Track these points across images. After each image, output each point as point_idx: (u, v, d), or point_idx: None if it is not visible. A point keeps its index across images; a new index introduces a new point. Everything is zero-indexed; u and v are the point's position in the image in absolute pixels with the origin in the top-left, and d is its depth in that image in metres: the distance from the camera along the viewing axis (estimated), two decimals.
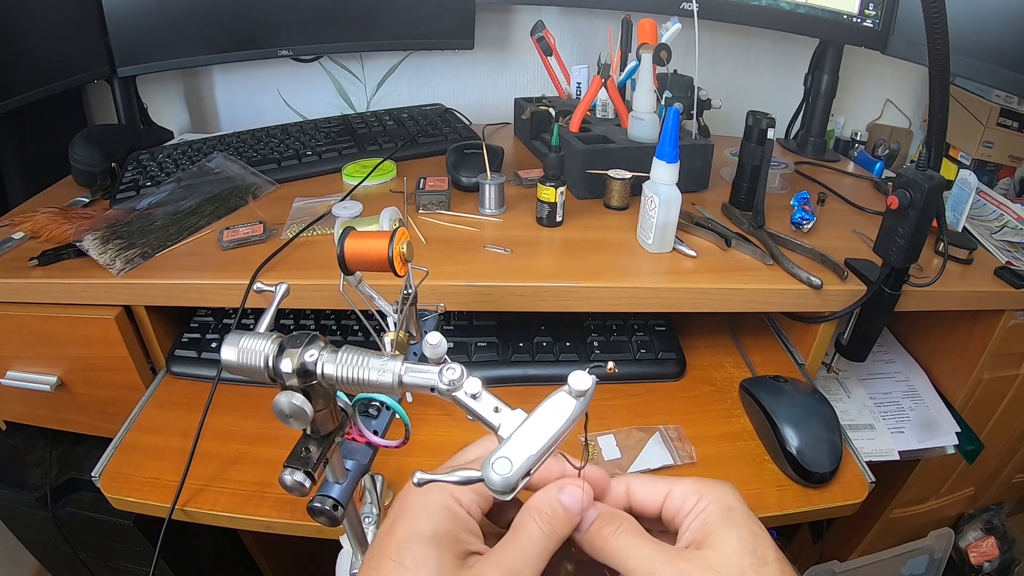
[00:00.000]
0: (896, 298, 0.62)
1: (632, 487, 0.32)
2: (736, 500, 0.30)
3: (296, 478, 0.32)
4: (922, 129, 1.13)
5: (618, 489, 0.32)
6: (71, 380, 0.70)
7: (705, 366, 0.72)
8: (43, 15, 0.83)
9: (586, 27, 1.10)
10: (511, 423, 0.27)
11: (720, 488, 0.30)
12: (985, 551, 1.02)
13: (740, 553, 0.27)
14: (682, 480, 0.31)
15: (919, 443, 0.75)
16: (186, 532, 0.61)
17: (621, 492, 0.32)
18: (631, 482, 0.32)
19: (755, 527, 0.28)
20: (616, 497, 0.32)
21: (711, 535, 0.28)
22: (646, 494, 0.31)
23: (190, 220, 0.72)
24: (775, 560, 0.27)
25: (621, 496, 0.32)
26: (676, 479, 0.31)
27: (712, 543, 0.27)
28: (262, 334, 0.30)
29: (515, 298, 0.63)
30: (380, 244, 0.39)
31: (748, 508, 0.30)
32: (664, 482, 0.31)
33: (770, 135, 0.70)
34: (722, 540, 0.27)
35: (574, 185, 0.78)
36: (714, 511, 0.29)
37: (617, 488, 0.32)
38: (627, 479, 0.32)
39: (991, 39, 0.76)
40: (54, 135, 0.91)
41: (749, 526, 0.28)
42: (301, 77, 1.14)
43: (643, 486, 0.32)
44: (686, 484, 0.30)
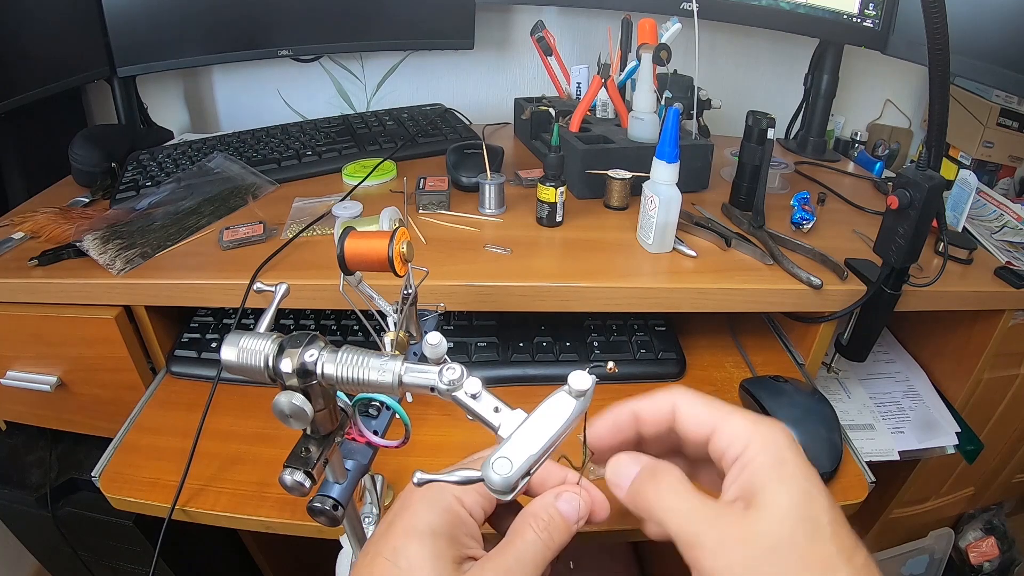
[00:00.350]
0: (896, 298, 0.62)
1: (680, 410, 0.29)
2: (789, 449, 0.26)
3: (296, 478, 0.32)
4: (922, 129, 1.13)
5: (663, 407, 0.29)
6: (71, 380, 0.70)
7: (705, 366, 0.72)
8: (43, 15, 0.83)
9: (586, 27, 1.10)
10: (511, 423, 0.27)
11: (772, 433, 0.27)
12: (985, 551, 1.02)
13: (792, 518, 0.24)
14: (731, 416, 0.28)
15: (919, 443, 0.75)
16: (186, 532, 0.61)
17: (666, 410, 0.29)
18: (679, 402, 0.29)
19: (808, 484, 0.25)
20: (659, 416, 0.29)
21: (760, 493, 0.25)
22: (692, 425, 0.29)
23: (190, 220, 0.72)
24: (829, 524, 0.24)
25: (666, 414, 0.29)
26: (725, 411, 0.28)
27: (761, 503, 0.25)
28: (262, 334, 0.30)
29: (515, 298, 0.63)
30: (380, 244, 0.39)
31: (803, 457, 0.26)
32: (712, 413, 0.28)
33: (770, 135, 0.70)
34: (771, 500, 0.25)
35: (574, 185, 0.78)
36: (764, 463, 0.26)
37: (662, 406, 0.29)
38: (674, 397, 0.30)
39: (991, 39, 0.75)
40: (54, 135, 0.91)
41: (802, 483, 0.25)
42: (301, 77, 1.14)
43: (690, 414, 0.29)
44: (736, 424, 0.27)
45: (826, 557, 0.24)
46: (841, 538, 0.24)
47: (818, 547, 0.24)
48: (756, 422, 0.27)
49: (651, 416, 0.29)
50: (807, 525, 0.24)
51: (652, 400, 0.30)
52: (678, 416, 0.29)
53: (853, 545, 0.24)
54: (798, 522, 0.24)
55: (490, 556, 0.27)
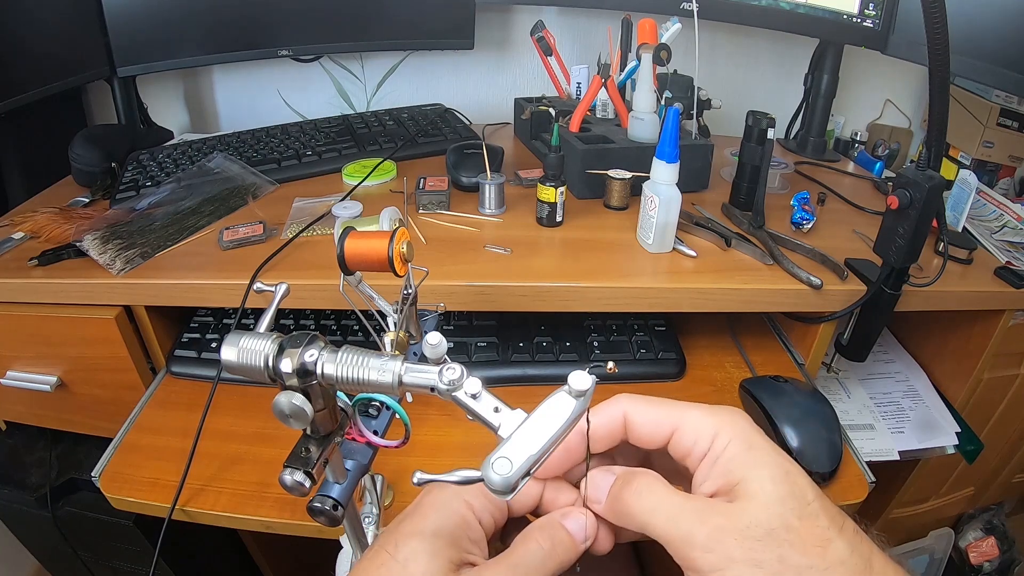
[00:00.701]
0: (896, 298, 0.62)
1: (631, 418, 0.28)
2: (755, 433, 0.26)
3: (296, 478, 0.32)
4: (922, 129, 1.13)
5: (611, 419, 0.28)
6: (71, 380, 0.70)
7: (705, 366, 0.72)
8: (43, 15, 0.83)
9: (586, 27, 1.10)
10: (511, 423, 0.27)
11: (734, 421, 0.26)
12: (985, 551, 1.02)
13: (779, 499, 0.24)
14: (688, 411, 0.27)
15: (919, 443, 0.75)
16: (186, 532, 0.61)
17: (616, 422, 0.28)
18: (629, 410, 0.28)
19: (784, 462, 0.25)
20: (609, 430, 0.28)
21: (741, 482, 0.25)
22: (646, 430, 0.27)
23: (190, 220, 0.72)
24: (816, 498, 0.24)
25: (616, 426, 0.28)
26: (679, 407, 0.27)
27: (745, 492, 0.24)
28: (262, 334, 0.30)
29: (515, 298, 0.63)
30: (380, 244, 0.39)
31: (766, 438, 0.26)
32: (668, 412, 0.27)
33: (770, 135, 0.70)
34: (755, 487, 0.24)
35: (574, 185, 0.78)
36: (736, 452, 0.25)
37: (610, 419, 0.28)
38: (623, 404, 0.28)
39: (991, 39, 0.75)
40: (54, 135, 0.91)
41: (779, 463, 0.25)
42: (301, 77, 1.14)
43: (643, 420, 0.28)
44: (695, 419, 0.27)
45: (819, 531, 0.24)
46: (828, 510, 0.24)
47: (809, 523, 0.24)
48: (714, 413, 0.27)
49: (602, 431, 0.28)
50: (794, 503, 0.24)
51: (599, 415, 0.28)
52: (630, 424, 0.28)
53: (840, 514, 0.25)
54: (786, 503, 0.24)
55: (489, 564, 0.27)
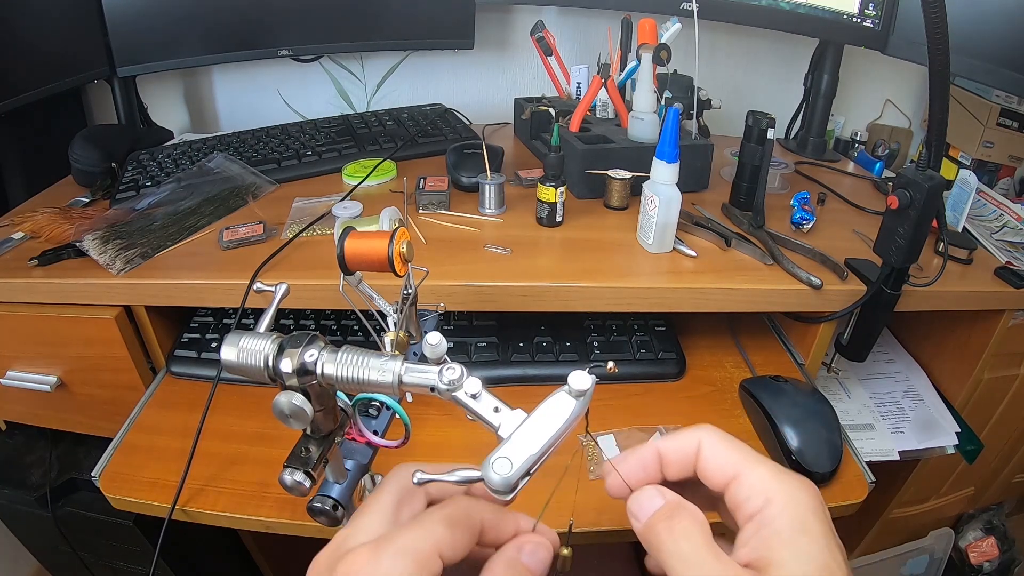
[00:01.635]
0: (896, 298, 0.62)
1: (703, 451, 0.27)
2: (813, 513, 0.24)
3: (296, 478, 0.32)
4: (922, 129, 1.13)
5: (687, 446, 0.28)
6: (71, 380, 0.70)
7: (705, 366, 0.72)
8: (43, 15, 0.83)
9: (586, 27, 1.10)
10: (511, 423, 0.27)
11: (796, 493, 0.25)
12: (985, 551, 1.02)
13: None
14: (756, 465, 0.26)
15: (919, 443, 0.75)
16: (186, 532, 0.61)
17: (691, 450, 0.28)
18: (703, 443, 0.27)
19: (828, 557, 0.23)
20: (683, 456, 0.28)
21: (774, 565, 0.23)
22: (713, 467, 0.27)
23: (190, 220, 0.72)
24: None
25: (689, 454, 0.28)
26: (751, 459, 0.26)
27: (775, 573, 0.23)
28: (262, 334, 0.30)
29: (515, 298, 0.63)
30: (380, 244, 0.39)
31: (827, 523, 0.24)
32: (735, 458, 0.27)
33: (770, 135, 0.70)
34: (785, 572, 0.23)
35: (574, 185, 0.78)
36: (784, 527, 0.24)
37: (686, 445, 0.28)
38: (700, 435, 0.28)
39: (991, 39, 0.75)
40: (54, 135, 0.91)
41: (821, 556, 0.23)
42: (301, 77, 1.14)
43: (712, 456, 0.27)
44: (759, 475, 0.25)
45: None
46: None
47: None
48: (781, 477, 0.25)
49: (675, 456, 0.28)
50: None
51: (676, 439, 0.28)
52: (701, 456, 0.28)
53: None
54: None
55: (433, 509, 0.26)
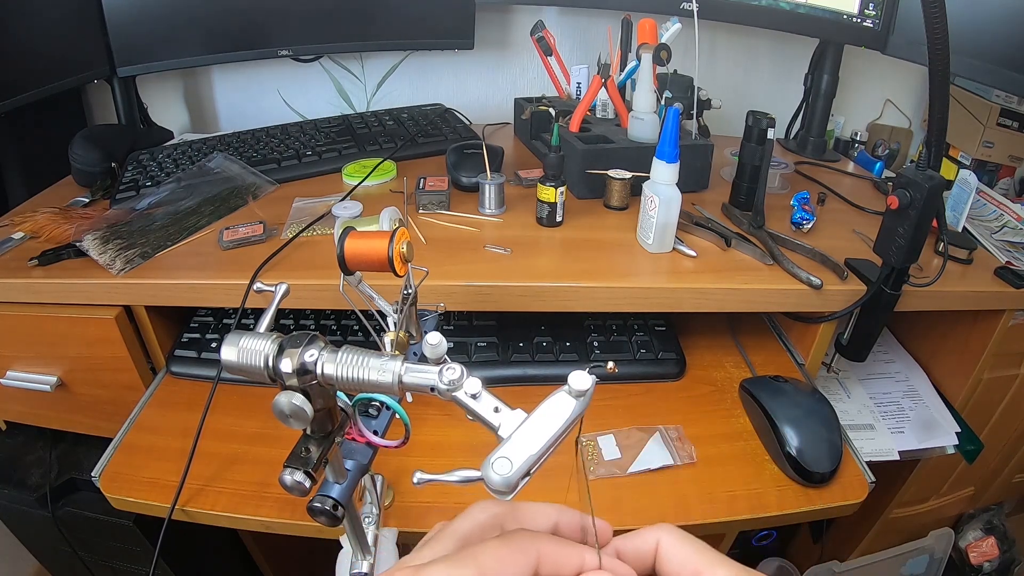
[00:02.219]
0: (896, 298, 0.62)
1: (662, 549, 0.27)
2: None
3: (296, 478, 0.32)
4: (922, 129, 1.13)
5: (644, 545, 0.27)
6: (71, 380, 0.70)
7: (705, 366, 0.72)
8: (43, 15, 0.83)
9: (586, 27, 1.10)
10: (511, 423, 0.27)
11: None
12: (985, 551, 1.02)
13: None
14: (716, 566, 0.25)
15: (919, 443, 0.75)
16: (186, 532, 0.61)
17: (648, 549, 0.27)
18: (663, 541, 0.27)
19: None
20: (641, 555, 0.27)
21: None
22: (676, 563, 0.26)
23: (190, 220, 0.72)
24: None
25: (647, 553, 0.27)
26: (709, 558, 0.26)
27: None
28: (262, 334, 0.30)
29: (515, 298, 0.63)
30: (380, 244, 0.39)
31: None
32: (696, 559, 0.26)
33: (770, 135, 0.70)
34: None
35: (574, 185, 0.78)
36: None
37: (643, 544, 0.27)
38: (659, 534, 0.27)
39: (991, 39, 0.75)
40: (54, 135, 0.91)
41: None
42: (301, 77, 1.14)
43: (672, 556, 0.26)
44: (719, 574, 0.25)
45: None
46: None
47: None
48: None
49: (632, 555, 0.27)
50: None
51: (633, 537, 0.27)
52: (659, 556, 0.27)
53: None
54: None
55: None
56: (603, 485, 0.57)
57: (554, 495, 0.43)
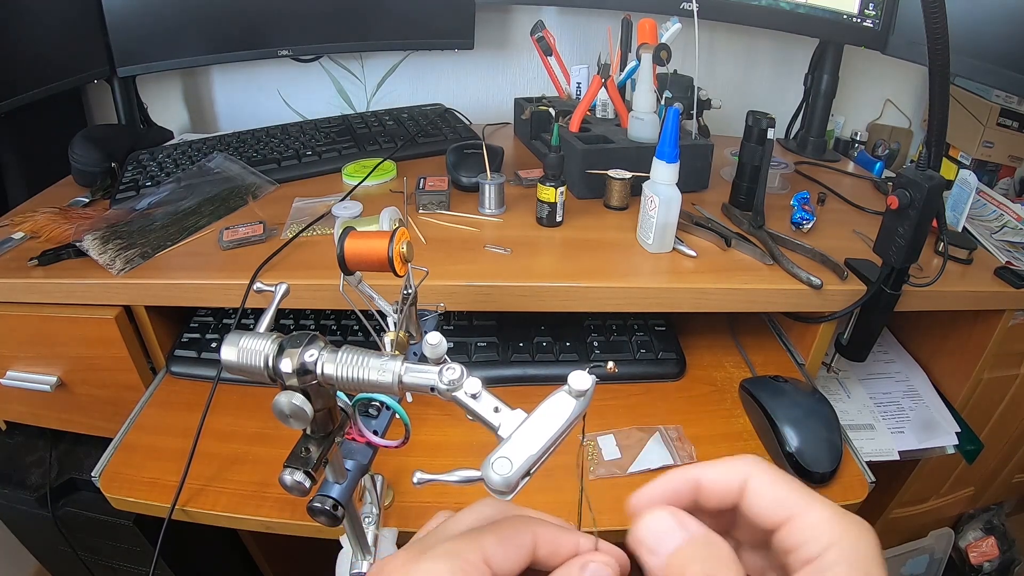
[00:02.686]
0: (896, 298, 0.62)
1: (751, 487, 0.25)
2: (875, 561, 0.23)
3: (296, 478, 0.32)
4: (922, 129, 1.13)
5: (731, 480, 0.26)
6: (71, 380, 0.70)
7: (705, 366, 0.72)
8: (43, 15, 0.83)
9: (586, 27, 1.10)
10: (511, 423, 0.27)
11: (859, 539, 0.23)
12: (985, 551, 1.02)
13: None
14: (813, 506, 0.24)
15: (919, 443, 0.75)
16: (186, 532, 0.61)
17: (735, 484, 0.26)
18: (752, 478, 0.25)
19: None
20: (726, 489, 0.26)
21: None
22: (764, 506, 0.25)
23: (190, 220, 0.72)
24: None
25: (734, 489, 0.26)
26: (807, 498, 0.24)
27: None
28: (262, 334, 0.30)
29: (515, 298, 0.63)
30: (380, 244, 0.39)
31: (886, 571, 0.23)
32: (791, 498, 0.25)
33: (770, 135, 0.70)
34: None
35: (574, 185, 0.78)
36: (843, 574, 0.22)
37: (731, 478, 0.26)
38: (748, 469, 0.26)
39: (991, 39, 0.75)
40: (54, 135, 0.91)
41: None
42: (301, 77, 1.14)
43: (764, 494, 0.25)
44: (818, 517, 0.24)
45: None
46: None
47: None
48: (842, 519, 0.24)
49: (716, 488, 0.26)
50: None
51: (719, 469, 0.26)
52: (749, 493, 0.26)
53: None
54: None
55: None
56: (603, 485, 0.57)
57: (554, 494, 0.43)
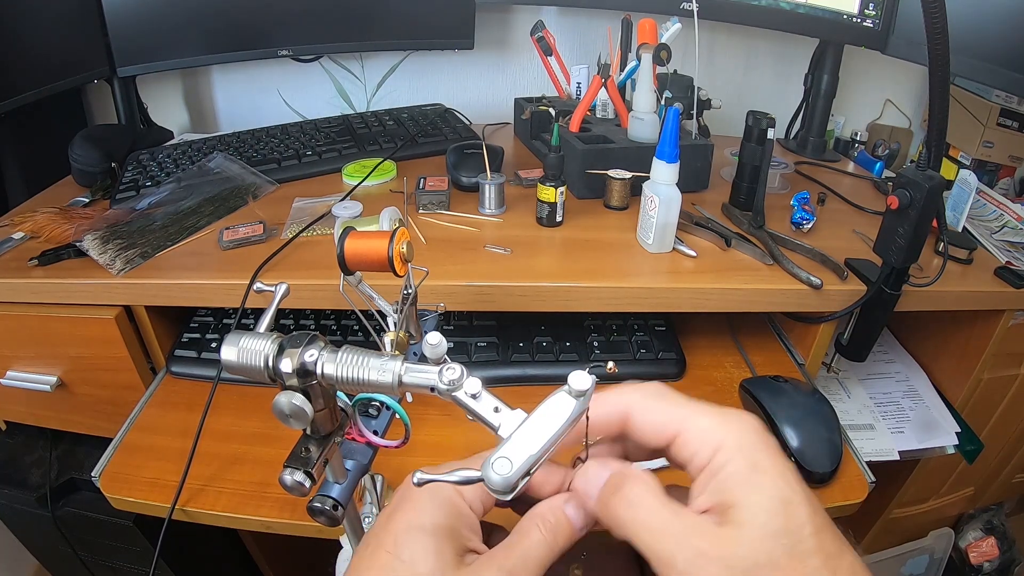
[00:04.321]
0: (896, 298, 0.62)
1: (634, 415, 0.27)
2: (762, 449, 0.24)
3: (296, 478, 0.32)
4: (922, 129, 1.13)
5: (612, 413, 0.28)
6: (71, 380, 0.70)
7: (705, 366, 0.72)
8: (43, 15, 0.83)
9: (586, 27, 1.10)
10: (511, 423, 0.27)
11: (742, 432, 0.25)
12: (985, 551, 1.02)
13: (770, 534, 0.22)
14: (694, 416, 0.26)
15: (919, 443, 0.75)
16: (186, 532, 0.61)
17: (617, 417, 0.28)
18: (633, 406, 0.27)
19: (787, 490, 0.23)
20: (608, 423, 0.28)
21: (734, 507, 0.23)
22: (649, 430, 0.27)
23: (190, 220, 0.72)
24: (812, 535, 0.23)
25: (616, 421, 0.28)
26: (687, 410, 0.26)
27: (736, 519, 0.23)
28: (262, 334, 0.30)
29: (515, 298, 0.63)
30: (380, 244, 0.39)
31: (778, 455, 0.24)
32: (673, 413, 0.26)
33: (770, 135, 0.70)
34: (746, 516, 0.23)
35: (574, 185, 0.78)
36: (736, 469, 0.24)
37: (611, 412, 0.28)
38: (628, 398, 0.28)
39: (991, 39, 0.75)
40: (54, 135, 0.91)
41: (778, 491, 0.23)
42: (301, 77, 1.14)
43: (648, 416, 0.27)
44: (700, 424, 0.25)
45: (809, 570, 0.22)
46: (824, 546, 0.23)
47: (799, 563, 0.22)
48: (723, 420, 0.25)
49: (600, 422, 0.28)
50: (787, 540, 0.22)
51: (600, 404, 0.28)
52: (632, 420, 0.27)
53: (838, 550, 0.23)
54: (777, 538, 0.22)
55: (493, 553, 0.27)
56: None
57: None
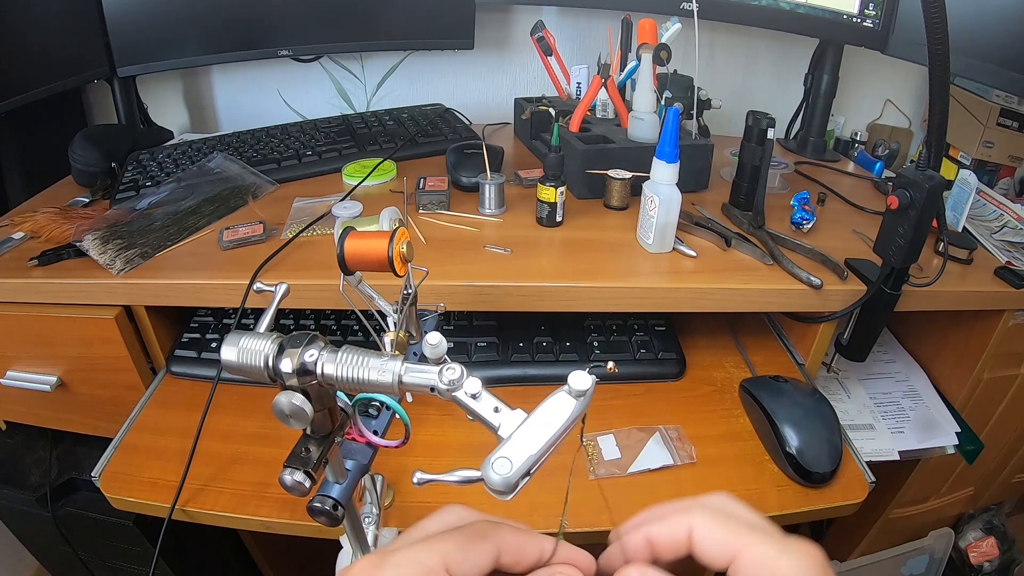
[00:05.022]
0: (896, 298, 0.62)
1: (696, 535, 0.26)
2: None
3: (296, 478, 0.32)
4: (922, 129, 1.13)
5: (678, 532, 0.26)
6: (71, 380, 0.70)
7: (705, 366, 0.72)
8: (43, 15, 0.83)
9: (586, 27, 1.10)
10: (511, 423, 0.27)
11: (802, 563, 0.24)
12: (985, 551, 1.02)
13: None
14: (754, 541, 0.25)
15: (919, 443, 0.75)
16: (186, 532, 0.61)
17: (682, 535, 0.26)
18: (695, 526, 0.26)
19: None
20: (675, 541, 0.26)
21: None
22: (710, 550, 0.26)
23: (190, 220, 0.72)
24: None
25: (682, 539, 0.26)
26: (748, 534, 0.25)
27: None
28: (262, 334, 0.30)
29: (515, 298, 0.63)
30: (380, 244, 0.39)
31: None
32: (731, 537, 0.25)
33: (770, 135, 0.70)
34: None
35: (574, 185, 0.78)
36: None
37: (677, 530, 0.27)
38: (691, 519, 0.27)
39: (991, 39, 0.75)
40: (54, 135, 0.91)
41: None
42: (301, 77, 1.14)
43: (707, 539, 0.26)
44: (759, 551, 0.24)
45: None
46: None
47: None
48: (783, 550, 0.25)
49: (666, 542, 0.27)
50: None
51: (666, 524, 0.27)
52: (695, 540, 0.27)
53: None
54: None
55: None
56: (603, 485, 0.57)
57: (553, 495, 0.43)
